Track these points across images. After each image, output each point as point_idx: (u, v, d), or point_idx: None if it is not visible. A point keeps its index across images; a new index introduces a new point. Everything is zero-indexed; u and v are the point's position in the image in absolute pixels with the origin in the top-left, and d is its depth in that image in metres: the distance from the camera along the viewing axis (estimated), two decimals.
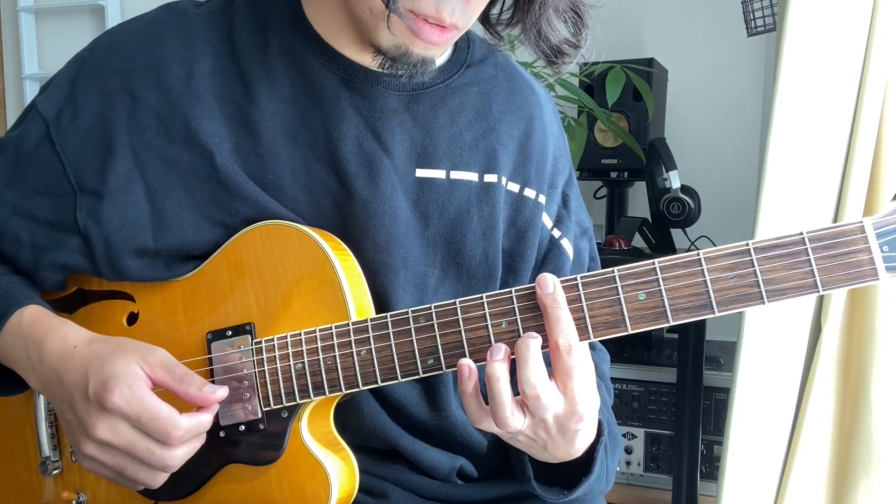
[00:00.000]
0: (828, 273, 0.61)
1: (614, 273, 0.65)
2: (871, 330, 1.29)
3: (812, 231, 0.62)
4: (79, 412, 0.68)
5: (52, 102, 0.78)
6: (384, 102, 0.78)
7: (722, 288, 0.63)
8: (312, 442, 0.73)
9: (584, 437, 0.68)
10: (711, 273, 0.63)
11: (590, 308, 0.65)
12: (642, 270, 0.64)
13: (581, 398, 0.64)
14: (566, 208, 0.88)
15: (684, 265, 0.63)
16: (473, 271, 0.80)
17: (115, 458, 0.69)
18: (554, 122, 0.90)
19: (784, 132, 1.26)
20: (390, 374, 0.69)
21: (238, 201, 0.75)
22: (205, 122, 0.75)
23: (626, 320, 0.64)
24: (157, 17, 0.81)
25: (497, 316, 0.67)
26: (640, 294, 0.64)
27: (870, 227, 0.61)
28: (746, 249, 0.62)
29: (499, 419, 0.64)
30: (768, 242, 0.62)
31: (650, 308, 0.64)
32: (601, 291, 0.65)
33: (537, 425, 0.65)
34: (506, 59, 0.89)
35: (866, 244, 0.61)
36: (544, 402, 0.63)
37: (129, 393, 0.66)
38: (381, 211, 0.76)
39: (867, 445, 1.29)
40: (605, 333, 0.65)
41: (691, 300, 0.63)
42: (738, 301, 0.63)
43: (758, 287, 0.62)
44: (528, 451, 0.70)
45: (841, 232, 0.61)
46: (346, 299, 0.72)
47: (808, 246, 0.62)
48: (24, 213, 0.76)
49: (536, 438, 0.67)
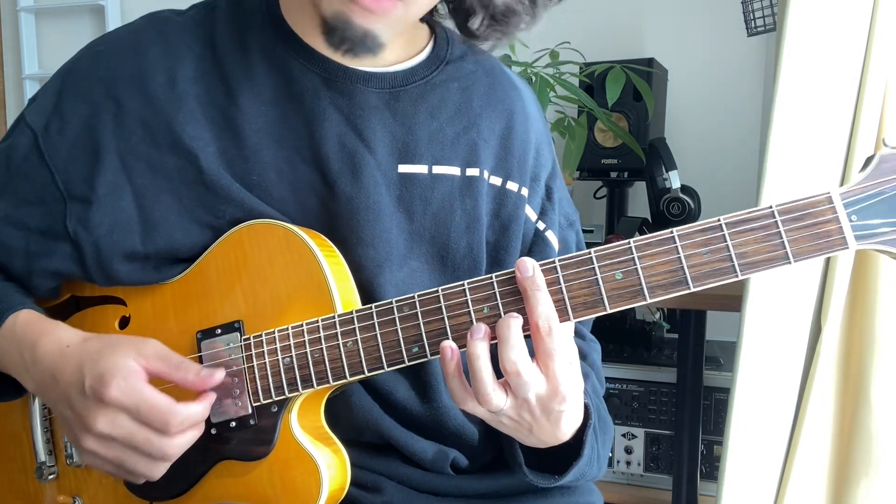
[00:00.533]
0: (798, 244, 0.63)
1: (591, 254, 0.66)
2: (871, 330, 1.29)
3: (781, 204, 0.63)
4: (77, 408, 0.69)
5: (40, 114, 0.79)
6: (364, 100, 0.80)
7: (696, 263, 0.65)
8: (303, 435, 0.73)
9: (569, 419, 0.69)
10: (685, 249, 0.65)
11: (568, 289, 0.67)
12: (618, 250, 0.66)
13: (563, 378, 0.65)
14: (550, 201, 0.89)
15: (658, 243, 0.65)
16: (458, 264, 0.82)
17: (115, 451, 0.69)
18: (536, 116, 0.91)
19: (784, 132, 1.26)
20: (376, 364, 0.71)
21: (224, 203, 0.76)
22: (189, 127, 0.77)
23: (604, 300, 0.66)
24: (140, 26, 0.83)
25: (479, 301, 0.68)
26: (617, 273, 0.66)
27: (837, 198, 0.63)
28: (718, 225, 0.64)
29: (480, 396, 0.65)
30: (739, 217, 0.64)
31: (627, 287, 0.66)
32: (579, 273, 0.67)
33: (520, 406, 0.66)
34: (486, 56, 0.90)
35: (834, 214, 0.63)
36: (525, 379, 0.64)
37: (125, 385, 0.67)
38: (365, 207, 0.77)
39: (867, 445, 1.29)
40: (585, 314, 0.67)
41: (667, 277, 0.65)
42: (712, 276, 0.65)
43: (731, 261, 0.64)
44: (514, 436, 0.72)
45: (809, 203, 0.63)
46: (332, 295, 0.73)
47: (778, 218, 0.63)
48: (16, 222, 0.78)
49: (521, 420, 0.68)
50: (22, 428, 0.83)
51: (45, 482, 0.82)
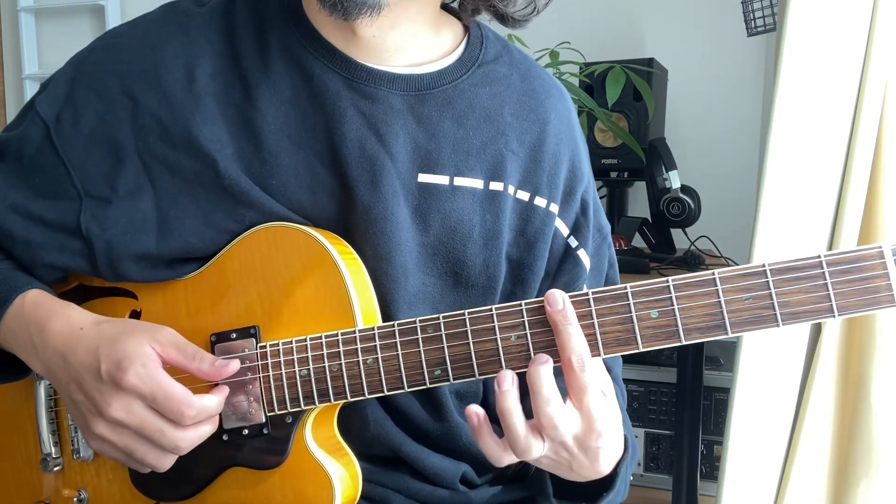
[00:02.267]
0: (845, 298, 0.60)
1: (627, 290, 0.63)
2: (871, 330, 1.29)
3: (830, 254, 0.60)
4: (90, 392, 0.68)
5: (51, 104, 0.77)
6: (387, 103, 0.76)
7: (737, 309, 0.62)
8: (316, 447, 0.72)
9: (607, 454, 0.66)
10: (726, 294, 0.62)
11: (601, 325, 0.64)
12: (656, 288, 0.63)
13: (598, 414, 0.62)
14: (585, 216, 0.84)
15: (698, 284, 0.62)
16: (473, 281, 0.78)
17: (125, 439, 0.68)
18: (572, 125, 0.86)
19: (784, 132, 1.26)
20: (396, 384, 0.69)
21: (244, 207, 0.74)
22: (206, 128, 0.74)
23: (637, 338, 0.63)
24: (158, 18, 0.80)
25: (506, 329, 0.66)
26: (653, 312, 0.63)
27: (888, 253, 0.60)
28: (763, 271, 0.61)
29: (518, 450, 0.63)
30: (785, 264, 0.61)
31: (662, 327, 0.63)
32: (613, 308, 0.64)
33: (558, 448, 0.64)
34: (523, 57, 0.85)
35: (885, 270, 0.60)
36: (562, 430, 0.62)
37: (143, 372, 0.66)
38: (383, 218, 0.74)
39: (867, 446, 1.29)
40: (617, 351, 0.64)
41: (705, 320, 0.62)
42: (752, 323, 0.62)
43: (773, 309, 0.61)
44: (553, 472, 0.69)
45: (859, 256, 0.60)
46: (352, 305, 0.71)
47: (826, 270, 0.60)
48: (24, 211, 0.76)
49: (560, 459, 0.66)
50: (27, 419, 0.83)
51: (49, 474, 0.82)
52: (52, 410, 0.82)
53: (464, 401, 0.82)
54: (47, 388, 0.82)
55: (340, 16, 0.70)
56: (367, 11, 0.69)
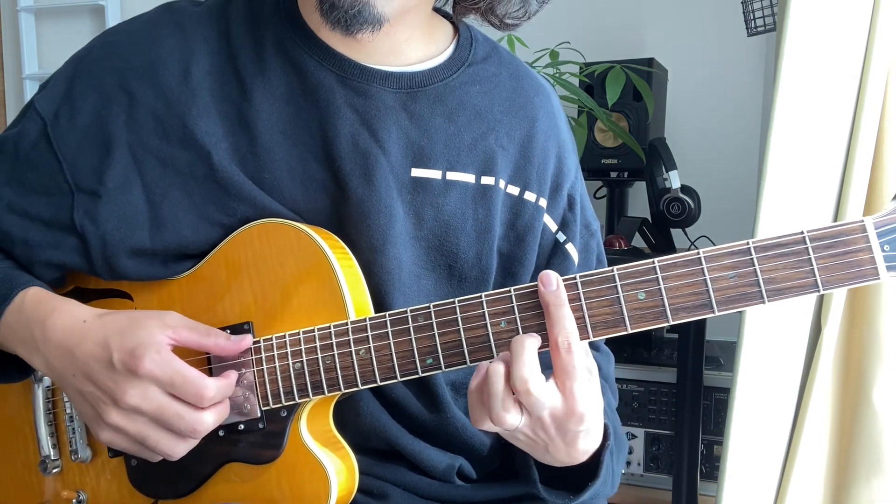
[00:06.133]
0: (828, 272, 0.61)
1: (614, 272, 0.64)
2: (871, 330, 1.29)
3: (813, 230, 0.61)
4: (102, 382, 0.69)
5: (50, 102, 0.78)
6: (380, 100, 0.78)
7: (722, 287, 0.63)
8: (312, 441, 0.73)
9: (587, 440, 0.67)
10: (711, 272, 0.63)
11: (589, 307, 0.65)
12: (642, 269, 0.64)
13: (581, 398, 0.63)
14: (572, 211, 0.86)
15: (684, 264, 0.63)
16: (466, 274, 0.80)
17: (139, 426, 0.69)
18: (560, 122, 0.88)
19: (784, 132, 1.26)
20: (389, 374, 0.69)
21: (236, 201, 0.75)
22: (201, 122, 0.75)
23: (625, 320, 0.64)
24: (155, 17, 0.81)
25: (496, 315, 0.67)
26: (640, 293, 0.64)
27: (871, 226, 0.61)
28: (747, 248, 0.62)
29: (493, 414, 0.63)
30: (769, 241, 0.62)
31: (650, 307, 0.64)
32: (601, 290, 0.65)
33: (535, 424, 0.64)
34: (511, 58, 0.88)
35: (867, 243, 0.61)
36: (536, 398, 0.62)
37: (159, 358, 0.67)
38: (377, 211, 0.76)
39: (867, 446, 1.29)
40: (605, 333, 0.65)
41: (691, 299, 0.63)
42: (738, 300, 0.63)
43: (758, 286, 0.62)
44: (530, 453, 0.70)
45: (842, 231, 0.61)
46: (344, 299, 0.72)
47: (809, 245, 0.61)
48: (20, 210, 0.77)
49: (536, 439, 0.66)
50: (26, 422, 0.83)
51: (48, 476, 0.82)
52: (50, 412, 0.82)
53: (459, 392, 0.83)
54: (45, 391, 0.82)
55: (342, 30, 0.72)
56: (368, 27, 0.71)
